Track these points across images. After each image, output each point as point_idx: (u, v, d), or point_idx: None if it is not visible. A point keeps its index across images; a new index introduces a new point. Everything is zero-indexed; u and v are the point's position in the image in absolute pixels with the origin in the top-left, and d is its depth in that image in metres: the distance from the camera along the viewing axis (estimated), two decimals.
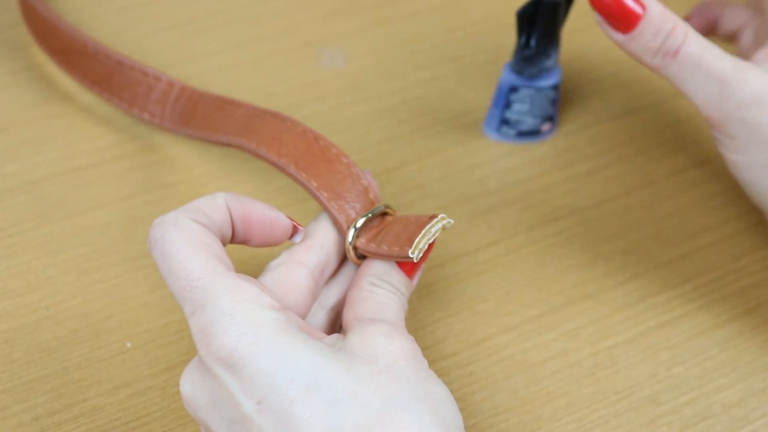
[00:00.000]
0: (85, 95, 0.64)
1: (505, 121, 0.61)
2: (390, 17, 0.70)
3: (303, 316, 0.47)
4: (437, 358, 0.53)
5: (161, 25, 0.68)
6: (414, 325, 0.54)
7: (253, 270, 0.53)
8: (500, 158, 0.63)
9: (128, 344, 0.52)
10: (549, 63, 0.59)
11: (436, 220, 0.48)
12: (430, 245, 0.48)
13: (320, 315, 0.49)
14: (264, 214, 0.47)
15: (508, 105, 0.61)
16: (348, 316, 0.47)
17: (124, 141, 0.61)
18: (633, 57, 0.51)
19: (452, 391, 0.52)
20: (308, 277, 0.47)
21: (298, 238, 0.48)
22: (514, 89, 0.60)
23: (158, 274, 0.55)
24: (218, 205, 0.46)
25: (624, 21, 0.50)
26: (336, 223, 0.49)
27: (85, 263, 0.56)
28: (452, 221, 0.48)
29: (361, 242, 0.49)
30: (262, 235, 0.47)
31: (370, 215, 0.49)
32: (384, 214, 0.50)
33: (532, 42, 0.57)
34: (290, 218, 0.48)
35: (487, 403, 0.52)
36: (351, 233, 0.49)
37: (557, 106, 0.62)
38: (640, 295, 0.57)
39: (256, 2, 0.71)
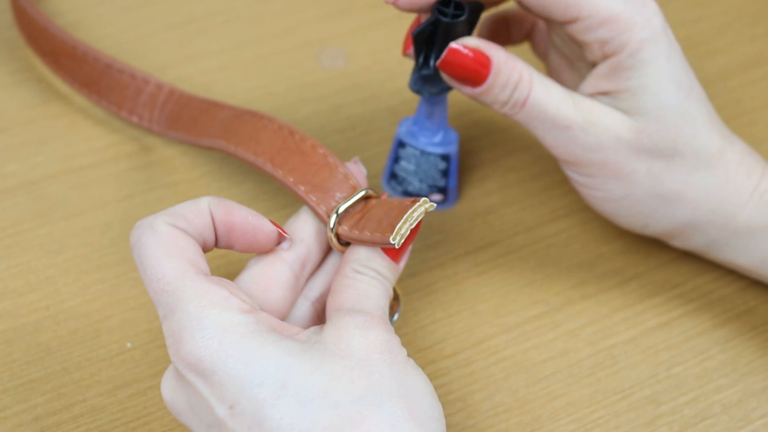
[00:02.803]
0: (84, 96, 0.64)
1: (393, 175, 0.59)
2: (390, 17, 0.70)
3: (284, 312, 0.47)
4: (437, 358, 0.53)
5: (161, 25, 0.68)
6: (414, 325, 0.54)
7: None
8: (500, 158, 0.63)
9: (128, 344, 0.52)
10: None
11: (417, 204, 0.47)
12: (416, 227, 0.48)
13: (305, 307, 0.49)
14: (246, 221, 0.47)
15: (396, 159, 0.58)
16: (330, 304, 0.47)
17: (124, 141, 0.61)
18: (482, 104, 0.52)
19: (452, 391, 0.52)
20: (287, 272, 0.47)
21: (285, 245, 0.48)
22: (402, 144, 0.57)
23: None
24: (200, 210, 0.46)
25: (472, 78, 0.51)
26: (316, 214, 0.49)
27: (85, 263, 0.56)
28: (434, 204, 0.48)
29: (344, 229, 0.49)
30: (245, 241, 0.47)
31: (350, 202, 0.49)
32: (367, 198, 0.50)
33: (431, 62, 0.52)
34: (276, 225, 0.48)
35: (487, 403, 0.52)
36: (332, 220, 0.48)
37: (451, 180, 0.58)
38: (639, 296, 0.57)
39: (256, 2, 0.71)
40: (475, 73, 0.50)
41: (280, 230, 0.48)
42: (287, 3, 0.71)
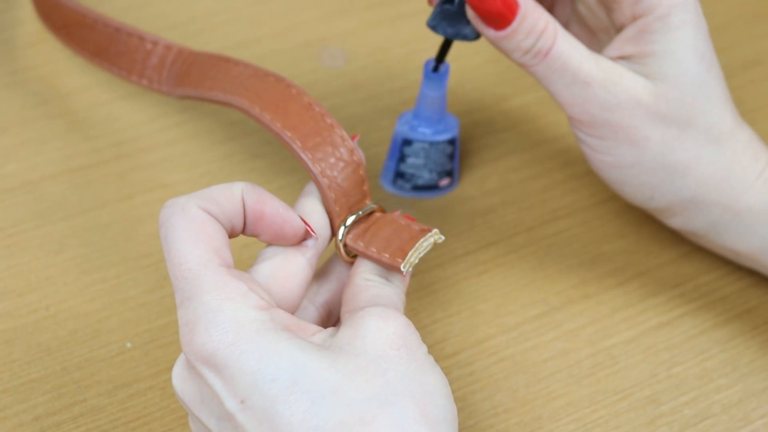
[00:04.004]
0: (84, 95, 0.64)
1: (400, 175, 0.59)
2: (390, 17, 0.70)
3: (297, 306, 0.47)
4: (437, 358, 0.53)
5: (161, 25, 0.68)
6: (414, 325, 0.54)
7: None
8: (500, 158, 0.63)
9: (128, 344, 0.52)
10: (468, 31, 0.52)
11: (429, 234, 0.48)
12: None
13: (310, 311, 0.49)
14: (277, 212, 0.46)
15: (402, 158, 0.58)
16: (343, 310, 0.47)
17: (124, 141, 0.61)
18: (503, 52, 0.51)
19: (452, 392, 0.52)
20: (306, 269, 0.47)
21: (310, 243, 0.47)
22: (407, 142, 0.58)
23: (158, 274, 0.55)
24: (233, 195, 0.45)
25: (498, 19, 0.49)
26: (330, 213, 0.48)
27: (85, 263, 0.55)
28: (443, 237, 0.48)
29: (349, 239, 0.48)
30: (272, 232, 0.46)
31: (360, 214, 0.49)
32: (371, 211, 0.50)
33: None
34: (304, 221, 0.47)
35: (487, 403, 0.52)
36: (342, 231, 0.48)
37: (456, 161, 0.60)
38: (640, 295, 0.57)
39: (256, 2, 0.71)
40: (501, 14, 0.49)
41: (309, 228, 0.47)
42: (287, 3, 0.71)
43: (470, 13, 0.50)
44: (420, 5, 0.71)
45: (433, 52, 0.68)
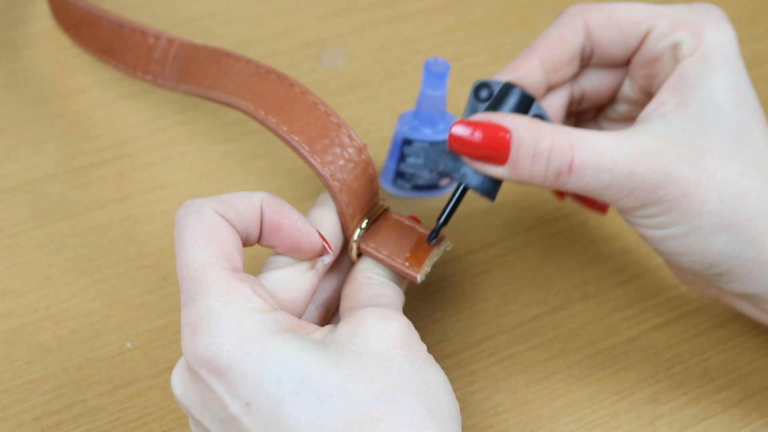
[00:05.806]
0: (84, 95, 0.64)
1: (400, 175, 0.59)
2: (390, 17, 0.70)
3: (302, 314, 0.47)
4: (437, 358, 0.53)
5: (161, 25, 0.68)
6: (414, 325, 0.54)
7: None
8: None
9: (128, 344, 0.52)
10: (468, 171, 0.47)
11: (442, 243, 0.48)
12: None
13: (310, 310, 0.49)
14: (295, 225, 0.46)
15: (402, 158, 0.58)
16: (343, 307, 0.47)
17: (124, 141, 0.61)
18: (525, 185, 0.46)
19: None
20: (315, 280, 0.47)
21: (327, 259, 0.47)
22: (407, 142, 0.57)
23: (158, 274, 0.55)
24: (251, 204, 0.45)
25: (492, 154, 0.45)
26: (343, 216, 0.48)
27: (85, 263, 0.56)
28: (452, 245, 0.49)
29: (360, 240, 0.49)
30: (289, 245, 0.46)
31: (373, 216, 0.49)
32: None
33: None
34: (322, 237, 0.47)
35: (487, 403, 0.52)
36: (357, 233, 0.48)
37: None
38: (640, 295, 0.57)
39: (256, 2, 0.71)
40: (492, 148, 0.45)
41: (326, 245, 0.47)
42: (287, 3, 0.71)
43: (465, 159, 0.46)
44: (420, 5, 0.71)
45: (432, 51, 0.68)
